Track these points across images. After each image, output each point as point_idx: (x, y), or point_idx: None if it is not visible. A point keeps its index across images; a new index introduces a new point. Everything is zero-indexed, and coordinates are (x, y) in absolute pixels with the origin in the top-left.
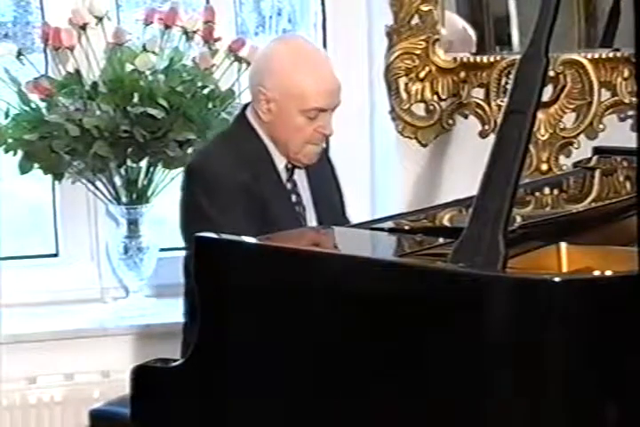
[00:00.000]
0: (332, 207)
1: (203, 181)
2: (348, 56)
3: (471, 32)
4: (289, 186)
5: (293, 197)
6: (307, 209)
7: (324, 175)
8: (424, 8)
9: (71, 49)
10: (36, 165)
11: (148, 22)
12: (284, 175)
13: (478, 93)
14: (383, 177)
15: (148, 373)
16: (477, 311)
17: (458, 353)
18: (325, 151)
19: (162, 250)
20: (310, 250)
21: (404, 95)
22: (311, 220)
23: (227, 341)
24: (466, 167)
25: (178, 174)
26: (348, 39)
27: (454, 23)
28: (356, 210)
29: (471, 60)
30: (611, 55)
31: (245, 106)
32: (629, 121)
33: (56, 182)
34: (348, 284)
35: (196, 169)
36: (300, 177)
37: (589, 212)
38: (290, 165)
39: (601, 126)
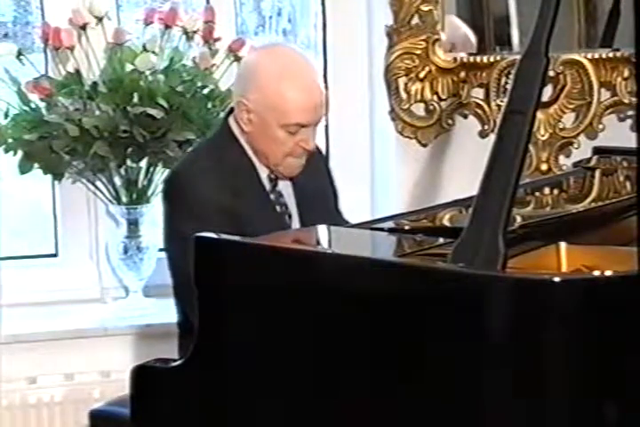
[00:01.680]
0: (322, 212)
1: (182, 200)
2: (347, 56)
3: (472, 36)
4: (273, 197)
5: (278, 208)
6: (292, 217)
7: (311, 179)
8: (424, 8)
9: (71, 49)
10: (35, 165)
11: (148, 22)
12: (267, 186)
13: (478, 93)
14: (383, 177)
15: (148, 373)
16: (477, 311)
17: (458, 353)
18: (321, 153)
19: (162, 250)
20: (310, 250)
21: (404, 95)
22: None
23: (226, 341)
24: (466, 167)
25: None
26: (347, 39)
27: (456, 27)
28: (356, 210)
29: (471, 60)
30: (611, 55)
31: (229, 112)
32: (629, 121)
33: (56, 182)
34: (348, 284)
35: (177, 184)
36: (286, 185)
37: (589, 212)
38: (273, 175)
39: (601, 126)
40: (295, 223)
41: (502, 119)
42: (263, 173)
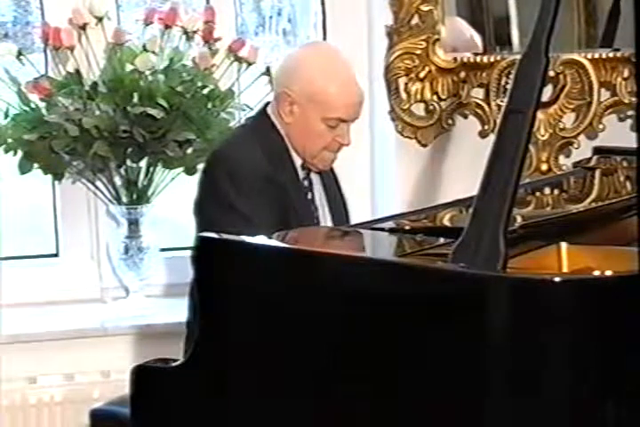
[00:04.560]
0: (341, 212)
1: (227, 168)
2: (348, 56)
3: (478, 39)
4: (305, 183)
5: (309, 195)
6: (318, 209)
7: (333, 181)
8: (424, 8)
9: (71, 49)
10: (35, 165)
11: (148, 22)
12: (301, 173)
13: (478, 93)
14: (383, 177)
15: (148, 373)
16: (477, 311)
17: (458, 353)
18: None
19: (162, 250)
20: (310, 250)
21: (404, 95)
22: (325, 220)
23: (227, 341)
24: (466, 167)
25: (178, 174)
26: (348, 39)
27: (459, 30)
28: (356, 210)
29: (471, 60)
30: (611, 55)
31: (267, 104)
32: (629, 121)
33: (56, 182)
34: (348, 284)
35: (220, 155)
36: (315, 178)
37: (589, 212)
38: (306, 165)
39: (601, 126)
40: (324, 215)
41: (502, 119)
42: (297, 162)
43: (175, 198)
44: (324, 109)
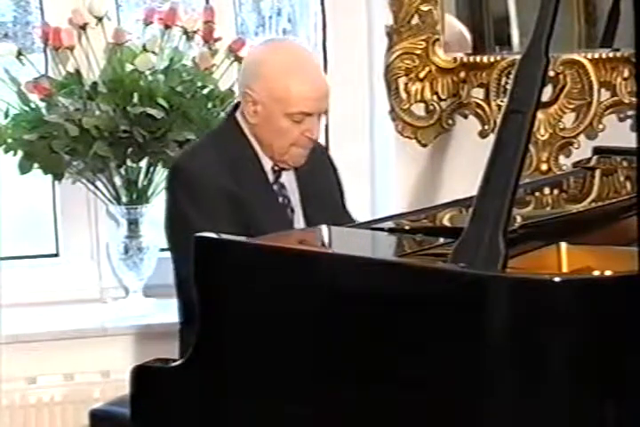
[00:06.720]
0: (327, 207)
1: (186, 185)
2: (347, 56)
3: (467, 34)
4: (276, 188)
5: (280, 199)
6: (295, 211)
7: (317, 175)
8: (424, 8)
9: (71, 49)
10: (35, 165)
11: (147, 22)
12: (271, 177)
13: (478, 93)
14: (383, 177)
15: (148, 373)
16: (477, 311)
17: (458, 353)
18: (325, 149)
19: (162, 250)
20: (310, 250)
21: (404, 95)
22: (299, 222)
23: (226, 341)
24: (466, 167)
25: None
26: (348, 39)
27: (452, 25)
28: (356, 210)
29: (471, 60)
30: (611, 55)
31: (236, 106)
32: (629, 121)
33: (56, 182)
34: (348, 284)
35: (180, 171)
36: (289, 179)
37: (589, 212)
38: (277, 167)
39: (601, 126)
40: (298, 217)
41: (502, 119)
42: (267, 165)
43: None
44: (285, 105)
